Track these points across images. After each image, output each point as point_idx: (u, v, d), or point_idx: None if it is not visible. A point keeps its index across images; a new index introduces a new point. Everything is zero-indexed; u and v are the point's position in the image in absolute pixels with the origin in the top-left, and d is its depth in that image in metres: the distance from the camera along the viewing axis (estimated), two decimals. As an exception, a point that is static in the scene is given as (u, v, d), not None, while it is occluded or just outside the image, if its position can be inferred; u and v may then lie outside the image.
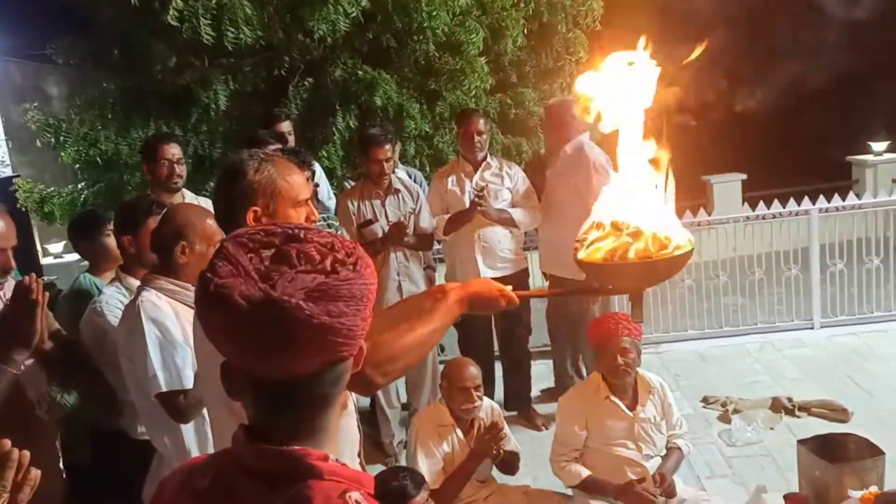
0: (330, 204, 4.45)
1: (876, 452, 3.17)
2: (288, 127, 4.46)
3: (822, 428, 3.89)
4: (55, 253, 7.38)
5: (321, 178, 4.79)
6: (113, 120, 6.02)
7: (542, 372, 5.15)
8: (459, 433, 3.24)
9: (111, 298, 2.59)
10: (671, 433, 3.27)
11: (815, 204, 5.67)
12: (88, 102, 6.16)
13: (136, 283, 2.40)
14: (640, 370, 3.25)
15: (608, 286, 1.72)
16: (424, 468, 3.01)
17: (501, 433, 3.14)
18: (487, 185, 4.26)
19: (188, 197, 3.77)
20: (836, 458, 3.19)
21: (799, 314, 5.74)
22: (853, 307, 5.71)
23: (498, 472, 3.40)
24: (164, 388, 2.12)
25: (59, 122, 5.97)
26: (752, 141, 11.12)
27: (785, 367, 5.10)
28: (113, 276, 2.84)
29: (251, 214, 1.71)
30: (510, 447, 3.29)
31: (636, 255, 1.55)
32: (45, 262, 7.38)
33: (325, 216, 3.91)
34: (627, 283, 1.65)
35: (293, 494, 0.93)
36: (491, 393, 4.21)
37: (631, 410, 3.19)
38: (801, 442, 3.37)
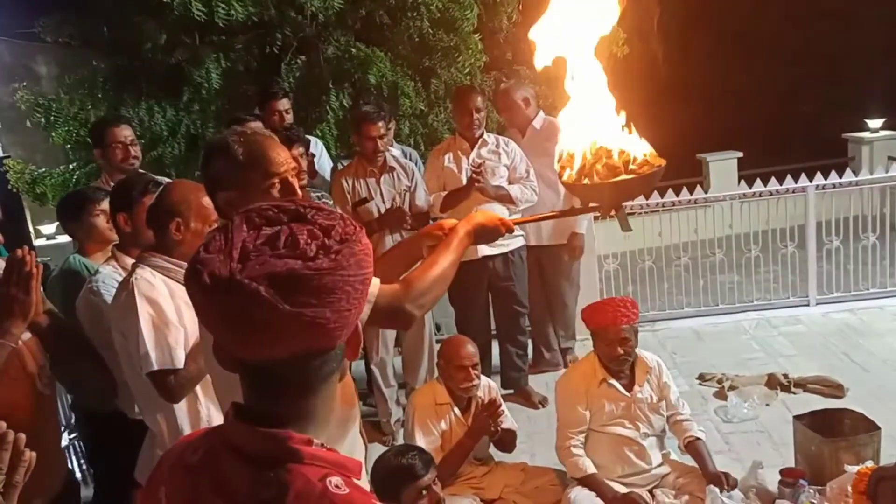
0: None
1: (871, 427, 3.19)
2: (286, 104, 4.41)
3: (817, 404, 3.90)
4: (48, 234, 7.32)
5: (322, 153, 4.75)
6: (103, 99, 5.95)
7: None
8: (457, 411, 3.25)
9: (107, 278, 2.57)
10: (674, 415, 3.26)
11: (811, 181, 5.66)
12: (78, 81, 6.08)
13: (131, 262, 2.38)
14: (637, 350, 3.24)
15: (591, 204, 1.88)
16: (422, 446, 3.01)
17: (499, 411, 3.14)
18: (485, 162, 4.23)
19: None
20: (831, 433, 3.21)
21: (795, 291, 5.76)
22: (849, 284, 5.73)
23: (495, 450, 3.41)
24: (155, 366, 2.11)
25: (49, 101, 5.90)
26: (748, 118, 11.09)
27: (781, 343, 5.12)
28: (102, 255, 2.83)
29: (224, 197, 1.72)
30: (507, 425, 3.30)
31: (611, 171, 1.73)
32: (37, 243, 7.31)
33: (318, 194, 3.89)
34: (609, 198, 1.80)
35: (272, 477, 0.92)
36: (488, 371, 4.21)
37: (628, 391, 3.19)
38: (796, 418, 3.39)
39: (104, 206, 2.89)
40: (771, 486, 3.08)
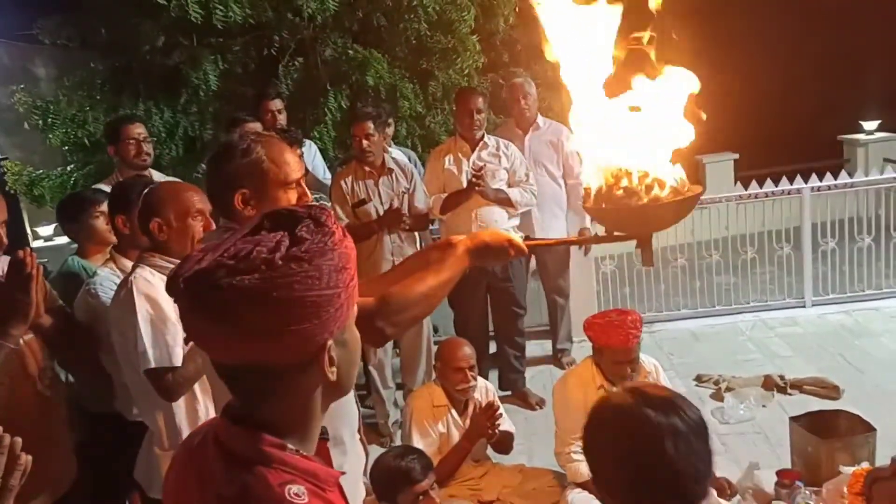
0: (326, 180, 4.46)
1: (867, 429, 3.20)
2: (278, 105, 4.47)
3: (813, 405, 3.92)
4: (45, 236, 7.31)
5: (316, 156, 4.76)
6: (101, 101, 5.96)
7: (536, 352, 5.17)
8: (454, 413, 3.25)
9: (105, 280, 2.57)
10: None
11: (806, 183, 5.69)
12: (76, 83, 6.08)
13: (129, 264, 2.39)
14: None
15: (615, 232, 1.67)
16: (420, 448, 3.02)
17: (497, 413, 3.14)
18: (485, 164, 4.24)
19: (155, 177, 3.77)
20: (827, 434, 3.22)
21: (791, 293, 5.78)
22: (844, 285, 5.74)
23: (493, 451, 3.42)
24: (153, 364, 2.12)
25: (46, 103, 5.90)
26: (745, 120, 11.11)
27: (777, 345, 5.14)
28: (101, 257, 2.84)
29: (239, 197, 1.71)
30: (505, 427, 3.31)
31: (640, 198, 1.54)
32: (35, 244, 7.30)
33: (317, 196, 3.90)
34: (634, 227, 1.62)
35: (237, 477, 0.93)
36: (485, 373, 4.22)
37: (626, 397, 3.18)
38: (793, 419, 3.40)
39: (104, 207, 2.90)
40: (767, 487, 3.08)
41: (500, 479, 3.27)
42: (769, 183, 5.80)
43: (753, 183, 5.87)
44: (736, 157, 8.25)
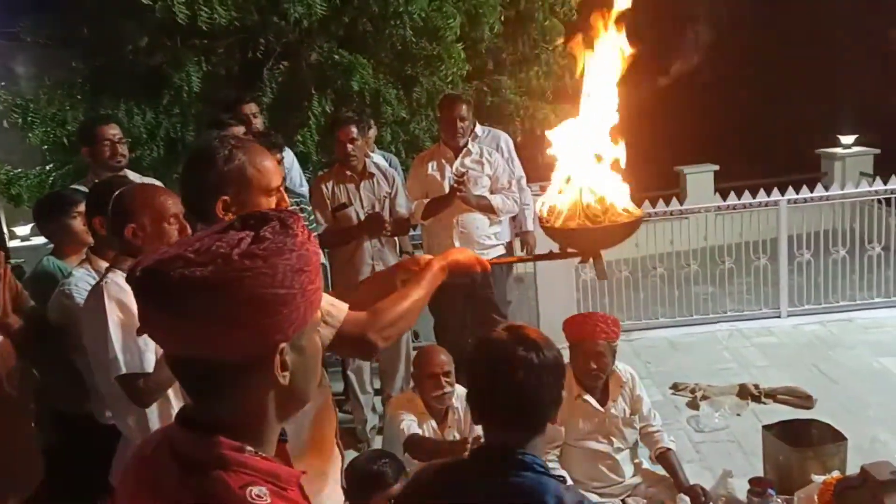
0: (302, 191, 4.42)
1: (838, 438, 3.25)
2: (254, 108, 4.47)
3: (786, 414, 3.97)
4: (22, 235, 7.22)
5: (293, 164, 4.75)
6: (82, 101, 5.89)
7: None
8: (433, 423, 3.25)
9: (80, 281, 2.55)
10: (646, 426, 3.29)
11: (784, 195, 5.77)
12: (57, 82, 6.01)
13: (105, 265, 2.36)
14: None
15: (569, 249, 1.89)
16: (410, 427, 3.05)
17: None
18: (468, 171, 4.26)
19: (131, 177, 3.73)
20: (799, 443, 3.26)
21: (767, 303, 5.85)
22: (819, 297, 5.83)
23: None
24: (124, 370, 2.09)
25: (26, 102, 5.81)
26: (725, 133, 11.25)
27: (752, 354, 5.20)
28: (77, 258, 2.81)
29: (220, 203, 1.69)
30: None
31: (591, 220, 1.76)
32: (11, 244, 7.21)
33: (297, 200, 3.89)
34: (587, 245, 1.84)
35: (195, 483, 0.92)
36: (463, 380, 4.22)
37: (602, 406, 3.21)
38: (765, 428, 3.45)
39: (81, 208, 2.87)
40: (740, 494, 3.12)
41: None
42: (747, 194, 5.88)
43: (732, 194, 5.94)
44: (716, 168, 8.34)
